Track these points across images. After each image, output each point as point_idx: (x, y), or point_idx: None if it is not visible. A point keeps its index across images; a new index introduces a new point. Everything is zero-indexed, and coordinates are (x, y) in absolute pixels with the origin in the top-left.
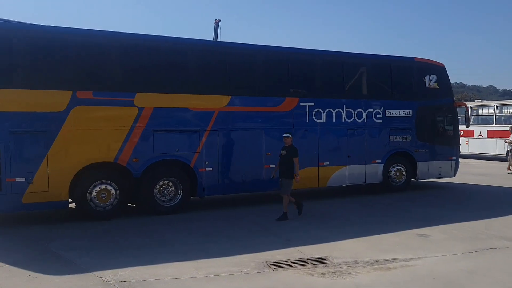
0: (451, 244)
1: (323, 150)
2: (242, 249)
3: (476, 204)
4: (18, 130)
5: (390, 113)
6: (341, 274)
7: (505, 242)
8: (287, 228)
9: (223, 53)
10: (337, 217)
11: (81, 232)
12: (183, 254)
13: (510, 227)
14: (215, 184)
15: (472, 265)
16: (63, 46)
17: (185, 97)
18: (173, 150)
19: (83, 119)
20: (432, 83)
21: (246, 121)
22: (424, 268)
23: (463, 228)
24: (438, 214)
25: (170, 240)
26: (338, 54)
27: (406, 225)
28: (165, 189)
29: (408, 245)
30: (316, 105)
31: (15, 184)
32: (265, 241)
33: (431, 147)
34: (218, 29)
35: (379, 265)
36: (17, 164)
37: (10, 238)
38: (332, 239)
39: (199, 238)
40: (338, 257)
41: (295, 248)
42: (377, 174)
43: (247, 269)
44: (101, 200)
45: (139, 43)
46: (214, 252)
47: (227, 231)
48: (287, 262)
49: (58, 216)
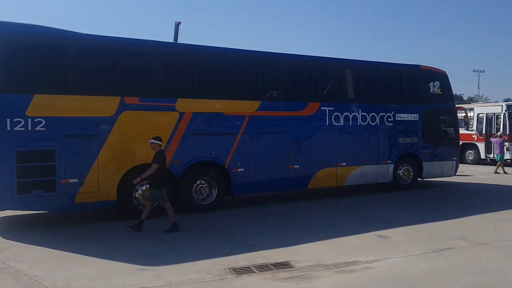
0: (410, 245)
1: (341, 151)
2: (203, 256)
3: (434, 204)
4: (72, 134)
5: (399, 117)
6: (304, 279)
7: (461, 242)
8: (249, 233)
9: (254, 61)
10: (299, 220)
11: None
12: (141, 262)
13: (465, 228)
14: (246, 184)
15: (430, 265)
16: (112, 55)
17: (221, 102)
18: (210, 152)
19: (130, 123)
20: (436, 89)
21: (273, 125)
22: (385, 270)
23: (421, 229)
24: (398, 215)
25: (128, 247)
26: (355, 62)
27: (367, 227)
28: (200, 189)
29: (370, 247)
30: (335, 109)
31: (68, 185)
32: (227, 246)
33: (435, 149)
34: (178, 31)
35: (342, 268)
36: (71, 166)
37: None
38: (295, 243)
39: (159, 245)
40: (301, 261)
41: (258, 252)
42: (388, 173)
43: (209, 276)
44: (145, 199)
45: (181, 52)
46: (174, 259)
47: (188, 238)
48: (250, 268)
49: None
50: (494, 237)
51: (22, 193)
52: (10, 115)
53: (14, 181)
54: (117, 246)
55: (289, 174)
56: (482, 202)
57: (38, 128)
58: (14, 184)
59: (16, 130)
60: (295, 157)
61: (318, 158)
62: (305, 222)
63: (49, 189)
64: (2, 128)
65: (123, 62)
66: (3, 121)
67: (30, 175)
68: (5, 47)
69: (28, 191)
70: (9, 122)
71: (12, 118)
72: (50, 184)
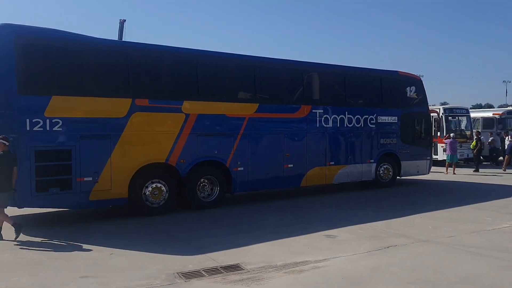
0: (357, 244)
1: (330, 151)
2: (150, 260)
3: (378, 204)
4: (86, 135)
5: (381, 119)
6: (254, 280)
7: (404, 240)
8: (199, 236)
9: (253, 66)
10: (248, 221)
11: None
12: (85, 269)
13: (407, 226)
14: (245, 182)
15: (376, 262)
16: (125, 59)
17: (223, 105)
18: (213, 151)
19: (141, 124)
20: (412, 93)
21: (270, 126)
22: (333, 269)
23: (366, 227)
24: (345, 214)
25: (69, 255)
26: (342, 67)
27: (315, 227)
28: (203, 187)
29: (318, 247)
30: (325, 112)
31: (83, 183)
32: (175, 250)
33: (411, 149)
34: (123, 29)
35: (291, 268)
36: (85, 165)
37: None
38: (244, 244)
39: (102, 251)
40: (252, 262)
41: (208, 255)
42: (371, 172)
43: (156, 282)
44: (154, 197)
45: (187, 57)
46: (120, 265)
47: (133, 241)
48: (199, 272)
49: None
50: (433, 234)
51: (40, 191)
52: (30, 115)
53: (33, 179)
54: (56, 253)
55: (284, 173)
56: (422, 202)
57: (55, 128)
58: (33, 183)
59: (35, 130)
60: (289, 156)
61: (309, 157)
62: (256, 223)
63: (66, 187)
64: (22, 128)
65: (134, 65)
66: (23, 121)
67: (48, 173)
68: (25, 50)
69: (46, 189)
70: (28, 122)
71: (31, 118)
72: (67, 182)
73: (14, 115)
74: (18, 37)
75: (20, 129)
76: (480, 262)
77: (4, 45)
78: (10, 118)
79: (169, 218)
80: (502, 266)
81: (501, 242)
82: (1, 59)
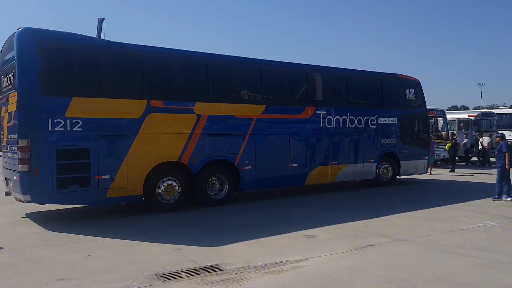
0: (335, 243)
1: (333, 151)
2: (127, 262)
3: (355, 204)
4: (104, 134)
5: (381, 120)
6: (234, 281)
7: (382, 239)
8: (177, 237)
9: (260, 69)
10: (228, 222)
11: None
12: (61, 272)
13: (384, 225)
14: (252, 180)
15: (354, 262)
16: (141, 62)
17: (232, 106)
18: (223, 151)
19: (155, 124)
20: (411, 95)
21: (276, 126)
22: (312, 269)
23: (345, 227)
24: (322, 214)
25: (43, 257)
26: (345, 70)
27: (295, 227)
28: (213, 185)
29: (297, 247)
30: (328, 113)
31: (101, 181)
32: (153, 251)
33: (410, 149)
34: (101, 27)
35: (271, 268)
36: (103, 164)
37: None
38: (224, 245)
39: (78, 253)
40: (231, 263)
41: (187, 257)
42: (371, 171)
43: (134, 284)
44: (167, 194)
45: (198, 60)
46: (96, 268)
47: (111, 244)
48: (178, 273)
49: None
50: (410, 233)
51: (61, 188)
52: (52, 116)
53: (54, 177)
54: (32, 255)
55: (289, 171)
56: (400, 201)
57: (75, 128)
58: (54, 180)
59: (56, 130)
60: (294, 156)
61: (313, 157)
62: (235, 224)
63: (84, 184)
64: (45, 128)
65: (149, 68)
66: (45, 121)
67: (68, 171)
68: (48, 53)
69: (66, 187)
70: (50, 122)
71: (53, 119)
72: (85, 180)
73: (37, 115)
74: (40, 40)
75: (43, 129)
76: (455, 260)
77: (27, 48)
78: (33, 118)
79: (144, 220)
80: (476, 264)
81: (476, 241)
82: (25, 61)
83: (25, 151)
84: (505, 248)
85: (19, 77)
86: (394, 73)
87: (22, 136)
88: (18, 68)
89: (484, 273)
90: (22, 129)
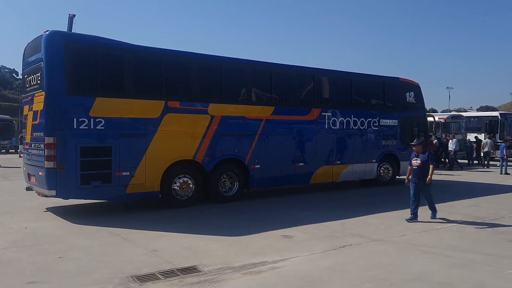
0: (313, 244)
1: (337, 151)
2: (102, 263)
3: (331, 204)
4: (125, 133)
5: (383, 122)
6: (212, 282)
7: (358, 239)
8: (152, 238)
9: (270, 71)
10: (204, 222)
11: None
12: (32, 274)
13: (361, 226)
14: (261, 179)
15: (332, 262)
16: (160, 64)
17: (243, 107)
18: (234, 150)
19: (172, 124)
20: (411, 98)
21: (284, 127)
22: (290, 269)
23: (322, 227)
24: (299, 215)
25: (14, 259)
26: (349, 73)
27: (272, 227)
28: (224, 182)
29: (276, 247)
30: (333, 115)
31: (121, 177)
32: (129, 252)
33: (410, 150)
34: (72, 24)
35: (249, 269)
36: (124, 161)
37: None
38: (201, 246)
39: (49, 255)
40: (209, 264)
41: (163, 258)
42: (373, 171)
43: (109, 286)
44: (182, 190)
45: (213, 63)
46: (69, 270)
47: (85, 246)
48: (155, 275)
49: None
50: (386, 233)
51: (84, 184)
52: (77, 115)
53: (78, 173)
54: (2, 256)
55: (296, 170)
56: (377, 202)
57: (98, 127)
58: (78, 176)
59: (81, 128)
60: (300, 155)
61: (318, 157)
62: (212, 225)
63: (106, 180)
64: (70, 126)
65: (167, 70)
66: (71, 120)
67: (91, 168)
68: (74, 55)
69: (89, 182)
70: (75, 121)
71: (78, 118)
72: (107, 176)
73: (63, 114)
74: (67, 43)
75: (68, 127)
76: (431, 260)
77: (55, 50)
78: (59, 116)
79: (118, 220)
80: (451, 264)
81: (450, 240)
82: (52, 62)
83: (51, 148)
84: (477, 248)
85: (47, 77)
86: (396, 77)
87: (49, 134)
88: (46, 69)
89: (459, 272)
90: (48, 127)
